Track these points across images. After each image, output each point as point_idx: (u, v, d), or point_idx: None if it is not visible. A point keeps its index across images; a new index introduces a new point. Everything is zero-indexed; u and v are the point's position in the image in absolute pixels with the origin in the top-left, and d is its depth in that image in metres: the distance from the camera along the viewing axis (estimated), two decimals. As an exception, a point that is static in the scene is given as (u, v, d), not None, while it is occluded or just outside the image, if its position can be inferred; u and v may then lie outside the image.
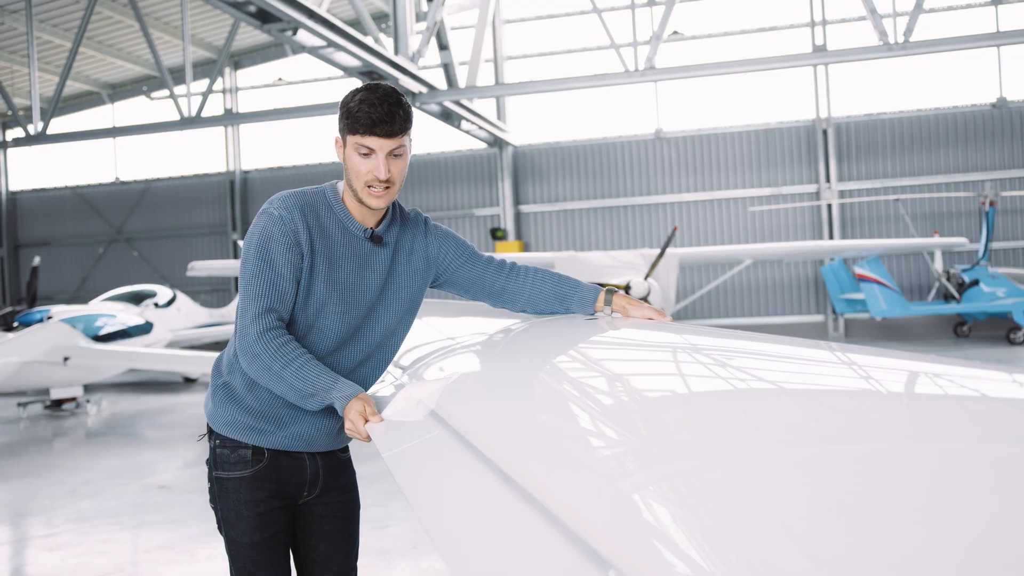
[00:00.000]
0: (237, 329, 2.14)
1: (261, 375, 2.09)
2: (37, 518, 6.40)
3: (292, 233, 2.11)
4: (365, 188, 2.12)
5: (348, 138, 2.11)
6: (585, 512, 0.95)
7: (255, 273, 2.11)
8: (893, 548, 0.72)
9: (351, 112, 2.08)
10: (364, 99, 2.07)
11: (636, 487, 0.99)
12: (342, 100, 2.12)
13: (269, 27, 10.81)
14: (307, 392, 2.05)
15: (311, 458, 2.31)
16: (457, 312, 3.01)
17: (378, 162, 2.09)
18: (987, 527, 0.75)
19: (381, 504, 5.71)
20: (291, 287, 2.12)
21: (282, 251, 2.11)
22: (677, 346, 1.79)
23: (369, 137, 2.07)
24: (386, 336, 2.28)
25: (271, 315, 2.09)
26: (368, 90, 2.09)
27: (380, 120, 2.06)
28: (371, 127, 2.06)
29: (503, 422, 1.43)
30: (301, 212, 2.14)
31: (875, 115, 18.41)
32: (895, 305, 14.88)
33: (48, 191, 23.08)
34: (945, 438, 1.00)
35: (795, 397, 1.27)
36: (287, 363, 2.05)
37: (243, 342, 2.10)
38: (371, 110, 2.05)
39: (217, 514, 2.32)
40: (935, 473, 0.88)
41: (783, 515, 0.82)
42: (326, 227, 2.17)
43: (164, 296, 14.80)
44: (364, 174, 2.10)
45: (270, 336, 2.07)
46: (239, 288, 2.17)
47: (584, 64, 19.45)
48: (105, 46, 19.66)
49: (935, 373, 1.29)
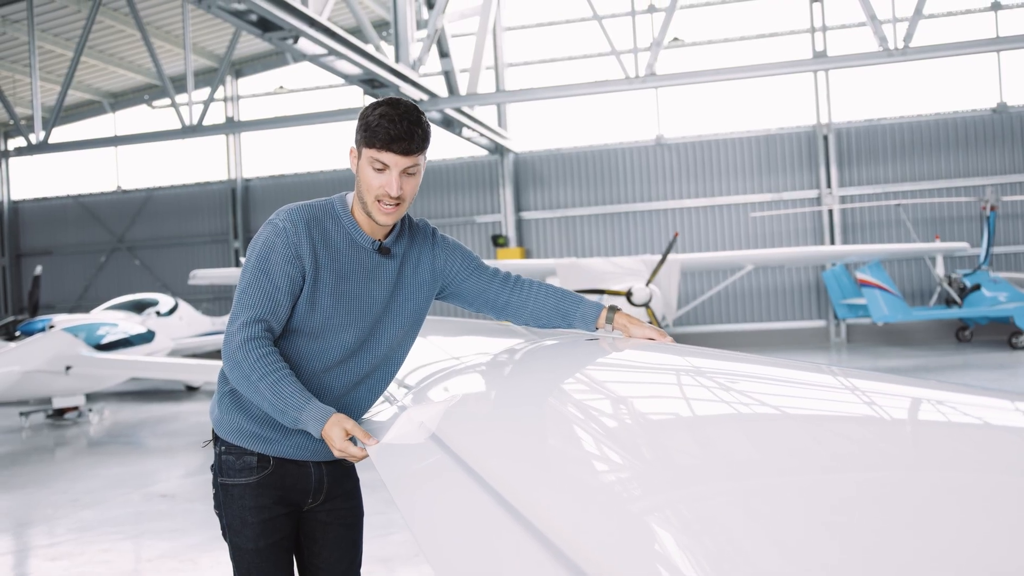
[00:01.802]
0: (225, 334, 2.14)
1: (240, 383, 2.09)
2: (39, 527, 6.40)
3: (294, 246, 2.11)
4: (375, 203, 2.12)
5: (364, 151, 2.10)
6: (587, 540, 0.94)
7: (251, 282, 2.12)
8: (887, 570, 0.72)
9: (370, 125, 2.07)
10: (384, 114, 2.05)
11: (637, 513, 0.98)
12: (362, 112, 2.11)
13: (270, 35, 10.84)
14: (279, 408, 2.04)
15: (316, 466, 2.32)
16: (459, 331, 3.00)
17: (391, 178, 2.08)
18: (982, 553, 0.75)
19: (382, 512, 5.70)
20: (286, 300, 2.12)
21: (281, 264, 2.11)
22: (678, 369, 1.79)
23: (385, 153, 2.06)
24: (392, 349, 2.28)
25: (259, 325, 2.09)
26: (389, 105, 2.07)
27: (398, 137, 2.04)
28: (388, 143, 2.05)
29: (504, 447, 1.42)
30: (306, 225, 2.13)
31: (876, 120, 18.42)
32: (897, 310, 14.87)
33: (50, 200, 23.11)
34: (944, 466, 1.00)
35: (794, 422, 1.26)
36: (264, 375, 2.04)
37: (227, 348, 2.10)
38: (390, 126, 2.04)
39: (222, 520, 2.32)
40: (933, 501, 0.88)
41: (782, 541, 0.82)
42: (333, 240, 2.16)
43: (166, 304, 14.82)
44: (376, 188, 2.10)
45: (253, 345, 2.06)
46: (235, 295, 2.17)
47: (585, 71, 19.48)
48: (107, 55, 19.71)
49: (936, 400, 1.28)
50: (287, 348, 2.17)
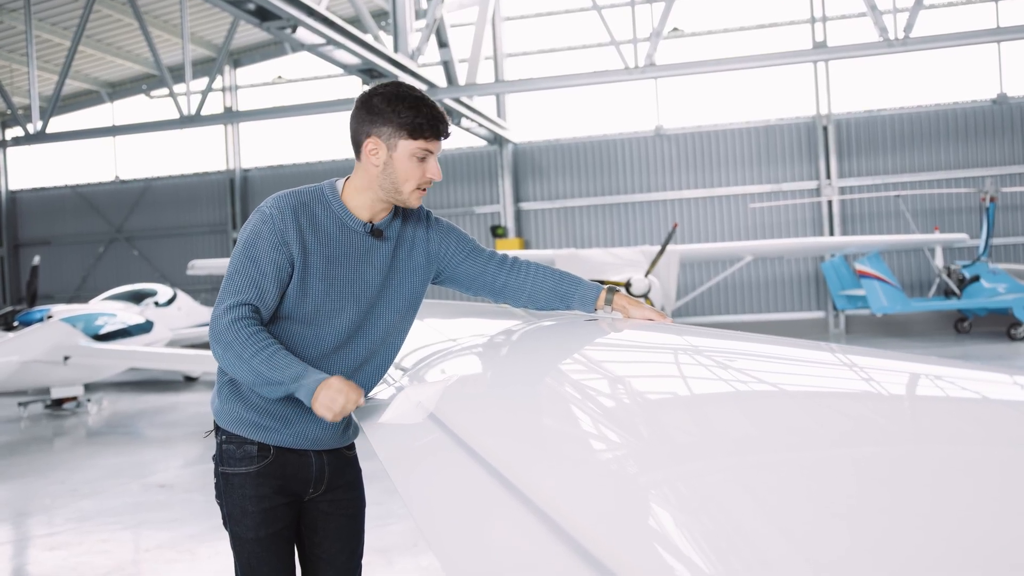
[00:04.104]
0: (211, 319, 2.12)
1: (232, 363, 2.06)
2: (38, 517, 6.40)
3: (280, 233, 2.11)
4: (415, 192, 2.14)
5: (403, 143, 2.09)
6: (585, 517, 0.94)
7: (238, 268, 2.11)
8: (890, 552, 0.71)
9: (406, 118, 2.07)
10: (414, 104, 2.08)
11: (636, 491, 0.98)
12: (384, 105, 2.09)
13: (268, 25, 10.80)
14: (273, 379, 2.02)
15: (317, 455, 2.31)
16: (457, 313, 3.00)
17: (434, 164, 2.13)
18: (986, 532, 0.74)
19: (381, 502, 5.70)
20: (273, 287, 2.11)
21: (267, 250, 2.10)
22: (677, 348, 1.78)
23: (433, 141, 2.10)
24: (388, 333, 2.26)
25: (246, 307, 2.08)
26: (410, 94, 2.10)
27: (439, 118, 2.10)
28: (435, 130, 2.09)
29: (502, 425, 1.42)
30: (293, 212, 2.13)
31: (875, 111, 18.39)
32: (896, 301, 14.87)
33: (48, 190, 23.08)
34: (945, 440, 1.00)
35: (795, 399, 1.26)
36: (257, 351, 2.02)
37: (215, 330, 2.08)
38: (430, 111, 2.09)
39: (223, 510, 2.31)
40: (935, 477, 0.87)
41: (783, 519, 0.81)
42: (322, 225, 2.16)
43: (164, 295, 14.79)
44: (418, 178, 2.12)
45: (242, 324, 2.05)
46: (223, 283, 2.16)
47: (584, 61, 19.43)
48: (104, 45, 19.65)
49: (935, 375, 1.29)
50: (280, 335, 2.15)
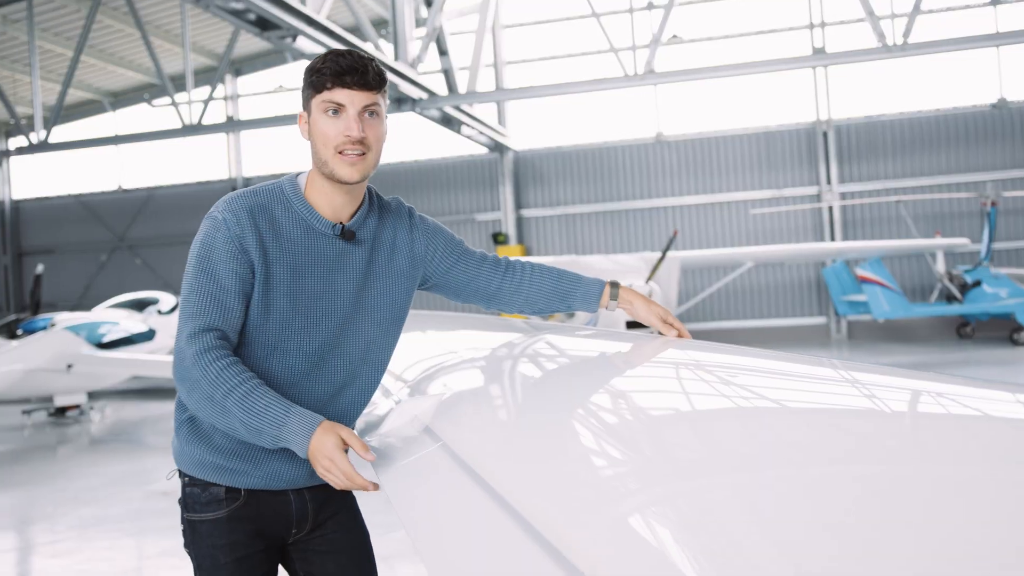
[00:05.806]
0: (174, 354, 1.82)
1: (201, 407, 1.76)
2: (40, 525, 6.42)
3: (237, 239, 1.82)
4: (336, 156, 1.82)
5: (314, 100, 1.83)
6: (582, 535, 0.93)
7: (193, 287, 1.81)
8: (887, 566, 0.72)
9: (314, 68, 1.82)
10: (328, 55, 1.83)
11: (633, 509, 0.97)
12: (306, 68, 1.87)
13: (269, 34, 10.85)
14: (254, 427, 1.69)
15: (296, 493, 1.99)
16: (453, 325, 2.94)
17: (349, 120, 1.80)
18: (988, 551, 0.74)
19: (381, 510, 5.72)
20: (238, 303, 1.81)
21: (225, 260, 1.81)
22: (679, 363, 1.73)
23: (338, 90, 1.80)
24: (367, 351, 1.96)
25: (211, 334, 1.77)
26: (334, 51, 1.86)
27: (350, 68, 1.79)
28: (339, 76, 1.79)
29: (500, 441, 1.40)
30: (250, 214, 1.84)
31: (875, 117, 18.40)
32: (897, 307, 14.86)
33: (51, 199, 23.14)
34: (946, 461, 0.99)
35: (805, 419, 1.24)
36: (230, 390, 1.70)
37: (179, 368, 1.78)
38: (339, 58, 1.80)
39: (193, 561, 2.00)
40: (936, 497, 0.87)
41: (785, 539, 0.80)
42: (283, 228, 1.86)
43: (167, 303, 14.82)
44: (334, 137, 1.81)
45: (210, 358, 1.74)
46: (179, 305, 1.87)
47: (584, 68, 19.47)
48: (106, 54, 19.72)
49: (937, 392, 1.27)
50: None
